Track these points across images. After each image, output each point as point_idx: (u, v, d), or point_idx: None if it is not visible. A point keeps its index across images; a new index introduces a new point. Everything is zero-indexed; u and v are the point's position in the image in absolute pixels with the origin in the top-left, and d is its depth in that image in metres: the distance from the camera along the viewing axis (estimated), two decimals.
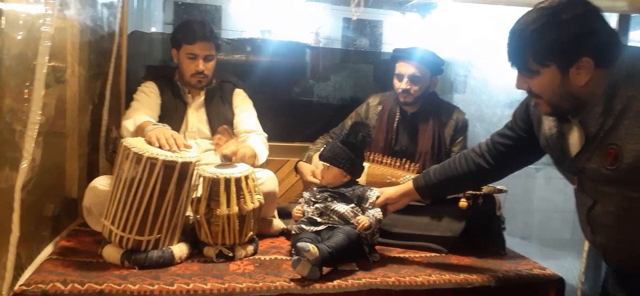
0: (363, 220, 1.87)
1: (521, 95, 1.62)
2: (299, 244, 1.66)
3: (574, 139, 1.33)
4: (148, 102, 2.28)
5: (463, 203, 2.11)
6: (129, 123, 2.10)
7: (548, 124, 1.41)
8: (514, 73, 1.34)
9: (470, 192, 2.08)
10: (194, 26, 2.29)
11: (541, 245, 3.20)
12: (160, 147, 1.80)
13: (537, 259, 2.11)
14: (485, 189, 2.10)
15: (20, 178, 1.45)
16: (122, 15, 2.56)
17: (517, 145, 1.63)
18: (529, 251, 2.25)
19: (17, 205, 1.46)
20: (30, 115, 1.45)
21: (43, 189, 1.82)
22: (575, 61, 1.21)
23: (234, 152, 2.03)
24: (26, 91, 1.49)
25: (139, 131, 2.01)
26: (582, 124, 1.28)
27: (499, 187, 2.12)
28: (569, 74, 1.23)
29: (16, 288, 1.50)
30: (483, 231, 2.21)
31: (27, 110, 1.47)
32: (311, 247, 1.64)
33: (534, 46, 1.24)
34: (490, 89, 2.73)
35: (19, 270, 1.57)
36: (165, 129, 1.91)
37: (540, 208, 3.27)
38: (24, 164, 1.46)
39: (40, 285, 1.51)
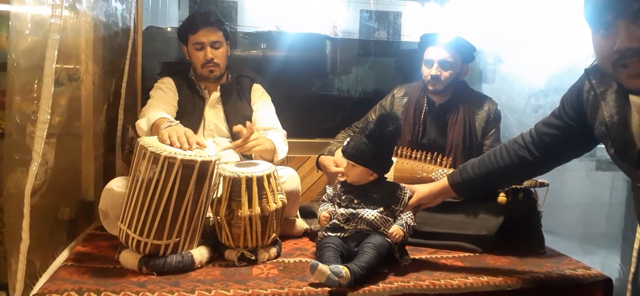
0: (397, 232, 1.74)
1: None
2: (332, 268, 1.54)
3: None
4: (164, 98, 2.20)
5: (502, 198, 1.97)
6: (142, 122, 2.03)
7: (608, 111, 1.25)
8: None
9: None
10: (196, 16, 2.26)
11: (567, 240, 3.04)
12: (171, 145, 1.69)
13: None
14: (526, 183, 1.96)
15: (30, 182, 1.38)
16: (137, 11, 2.49)
17: (566, 135, 1.48)
18: (558, 246, 2.12)
19: (26, 211, 1.38)
20: (39, 114, 1.37)
21: (58, 192, 1.76)
22: None
23: (252, 141, 1.95)
24: (35, 88, 1.40)
25: (154, 129, 1.93)
26: None
27: (540, 180, 1.98)
28: None
29: None
30: (521, 229, 2.06)
31: (37, 109, 1.39)
32: (344, 271, 1.54)
33: None
34: (524, 77, 2.57)
35: (33, 278, 1.52)
36: (179, 127, 1.81)
37: (568, 202, 3.11)
38: (34, 167, 1.38)
39: (54, 295, 1.44)
